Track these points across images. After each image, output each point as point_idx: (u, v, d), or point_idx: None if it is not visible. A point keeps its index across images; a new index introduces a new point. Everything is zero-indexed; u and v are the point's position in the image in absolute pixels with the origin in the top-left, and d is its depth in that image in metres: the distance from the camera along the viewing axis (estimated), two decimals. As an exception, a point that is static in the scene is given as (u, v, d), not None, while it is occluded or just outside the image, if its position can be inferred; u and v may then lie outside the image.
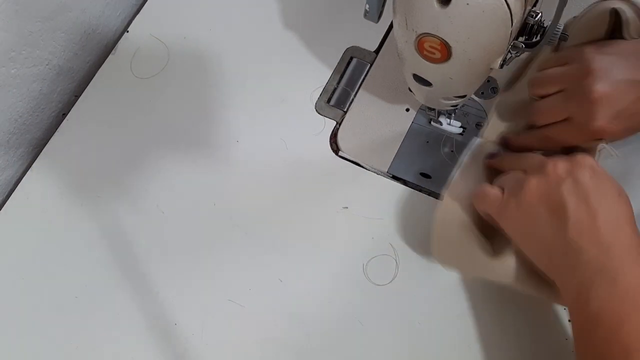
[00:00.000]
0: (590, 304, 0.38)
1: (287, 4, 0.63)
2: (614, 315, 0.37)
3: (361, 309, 0.52)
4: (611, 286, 0.37)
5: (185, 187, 0.57)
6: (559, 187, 0.41)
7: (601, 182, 0.41)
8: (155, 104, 0.61)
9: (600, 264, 0.38)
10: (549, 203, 0.41)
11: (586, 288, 0.38)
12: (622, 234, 0.39)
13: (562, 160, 0.43)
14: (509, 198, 0.44)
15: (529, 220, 0.43)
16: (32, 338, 0.54)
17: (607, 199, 0.40)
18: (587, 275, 0.38)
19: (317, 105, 0.59)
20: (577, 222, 0.40)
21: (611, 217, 0.39)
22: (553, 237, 0.41)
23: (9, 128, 0.59)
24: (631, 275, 0.37)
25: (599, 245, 0.39)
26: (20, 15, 0.54)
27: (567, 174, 0.42)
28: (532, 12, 0.39)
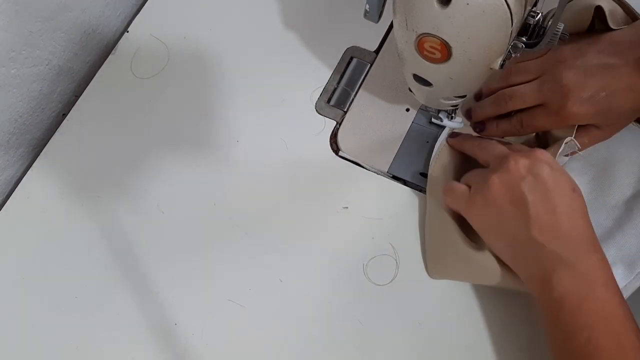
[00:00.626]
0: (554, 290, 0.42)
1: (287, 4, 0.63)
2: (574, 297, 0.41)
3: (361, 309, 0.52)
4: (571, 273, 0.41)
5: (185, 187, 0.57)
6: (520, 184, 0.43)
7: (558, 178, 0.44)
8: (155, 104, 0.61)
9: (560, 255, 0.42)
10: (511, 199, 0.44)
11: (549, 277, 0.42)
12: (577, 227, 0.43)
13: (522, 156, 0.45)
14: (474, 194, 0.46)
15: (493, 216, 0.45)
16: (32, 338, 0.54)
17: (564, 195, 0.43)
18: (550, 266, 0.42)
19: (317, 105, 0.59)
20: (538, 218, 0.43)
21: (568, 211, 0.43)
22: (516, 232, 0.44)
23: (9, 128, 0.59)
24: (586, 262, 0.42)
25: (558, 239, 0.42)
26: (20, 15, 0.54)
27: (527, 171, 0.44)
28: (532, 12, 0.39)
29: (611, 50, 0.46)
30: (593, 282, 0.41)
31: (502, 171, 0.45)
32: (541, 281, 0.43)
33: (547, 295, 0.42)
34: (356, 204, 0.55)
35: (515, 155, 0.45)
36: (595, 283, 0.41)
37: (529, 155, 0.45)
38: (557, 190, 0.43)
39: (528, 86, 0.48)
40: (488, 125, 0.52)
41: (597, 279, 0.41)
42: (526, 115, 0.49)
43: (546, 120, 0.48)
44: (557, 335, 0.42)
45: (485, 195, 0.45)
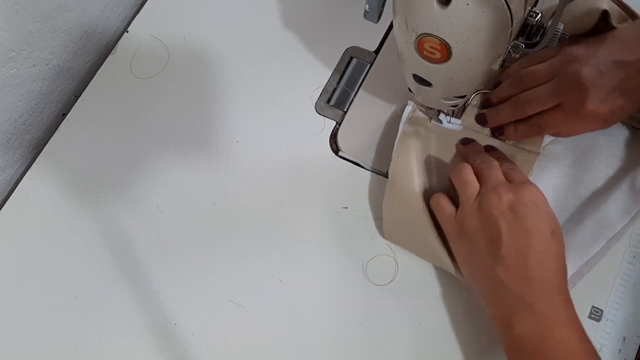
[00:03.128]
0: (514, 329, 0.43)
1: (287, 4, 0.63)
2: (533, 338, 0.42)
3: (361, 309, 0.52)
4: (530, 314, 0.42)
5: (185, 187, 0.57)
6: (498, 222, 0.44)
7: (539, 220, 0.44)
8: (155, 104, 0.61)
9: (521, 296, 0.42)
10: (488, 236, 0.45)
11: (510, 317, 0.43)
12: (545, 269, 0.43)
13: (508, 191, 0.45)
14: (458, 222, 0.47)
15: (469, 248, 0.46)
16: (32, 338, 0.54)
17: (540, 237, 0.43)
18: (511, 306, 0.43)
19: (317, 105, 0.59)
20: (508, 258, 0.43)
21: (539, 254, 0.43)
22: (485, 268, 0.45)
23: (8, 128, 0.59)
24: (547, 303, 0.42)
25: (522, 280, 0.43)
26: (20, 15, 0.54)
27: (509, 208, 0.44)
28: (532, 12, 0.39)
29: (621, 47, 0.46)
30: (552, 323, 0.41)
31: (485, 205, 0.45)
32: (503, 320, 0.44)
33: (508, 334, 0.43)
34: (356, 204, 0.55)
35: (501, 189, 0.45)
36: (554, 324, 0.41)
37: (516, 191, 0.45)
38: (534, 232, 0.43)
39: (544, 88, 0.48)
40: (506, 130, 0.52)
41: (557, 320, 0.42)
42: (544, 118, 0.49)
43: (564, 120, 0.48)
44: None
45: (465, 227, 0.46)
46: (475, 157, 0.50)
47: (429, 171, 0.53)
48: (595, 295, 0.50)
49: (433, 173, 0.53)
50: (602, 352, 0.48)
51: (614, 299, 0.50)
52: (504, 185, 0.46)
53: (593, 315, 0.49)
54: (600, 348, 0.48)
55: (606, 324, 0.49)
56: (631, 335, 0.49)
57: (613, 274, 0.50)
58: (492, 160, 0.49)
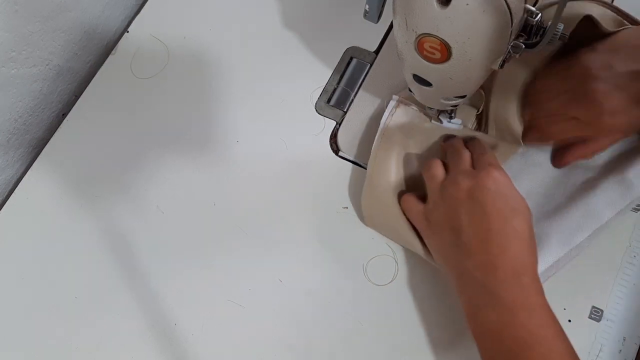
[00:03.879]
0: (479, 315, 0.43)
1: (287, 4, 0.63)
2: (496, 324, 0.42)
3: (361, 309, 0.52)
4: (492, 300, 0.42)
5: (185, 187, 0.57)
6: (458, 210, 0.44)
7: (500, 202, 0.43)
8: (155, 104, 0.61)
9: (482, 281, 0.42)
10: (450, 226, 0.45)
11: (474, 302, 0.43)
12: (507, 254, 0.42)
13: (466, 178, 0.45)
14: (426, 213, 0.48)
15: (436, 239, 0.47)
16: (32, 338, 0.54)
17: (501, 220, 0.43)
18: (473, 292, 0.43)
19: (317, 105, 0.59)
20: (468, 245, 0.43)
21: (500, 238, 0.42)
22: (451, 257, 0.45)
23: (9, 128, 0.59)
24: (511, 292, 0.41)
25: (484, 268, 0.42)
26: (20, 15, 0.54)
27: (468, 195, 0.44)
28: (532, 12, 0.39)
29: (635, 55, 0.45)
30: (514, 308, 0.41)
31: (445, 195, 0.46)
32: (468, 308, 0.44)
33: (473, 323, 0.44)
34: (356, 204, 0.55)
35: (460, 177, 0.45)
36: (517, 309, 0.41)
37: (474, 177, 0.45)
38: (494, 216, 0.43)
39: (557, 103, 0.48)
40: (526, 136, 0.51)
41: (519, 304, 0.41)
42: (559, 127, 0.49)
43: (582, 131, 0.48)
44: (485, 354, 0.43)
45: (431, 220, 0.47)
46: (450, 151, 0.51)
47: (408, 167, 0.53)
48: (595, 295, 0.50)
49: (413, 170, 0.53)
50: (602, 352, 0.49)
51: (614, 299, 0.50)
52: (464, 172, 0.46)
53: (593, 315, 0.49)
54: (600, 348, 0.48)
55: (606, 324, 0.49)
56: (631, 335, 0.49)
57: (613, 274, 0.50)
58: (462, 151, 0.49)
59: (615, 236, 0.51)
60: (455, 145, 0.51)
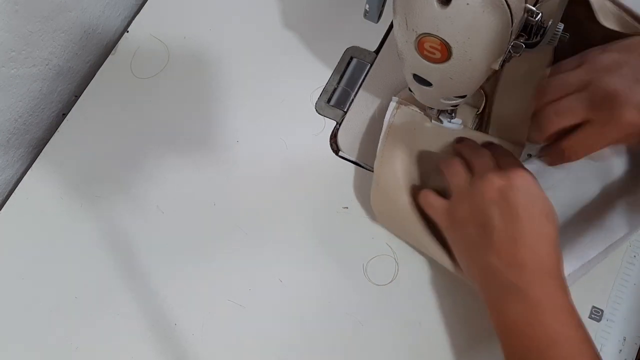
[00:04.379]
0: (505, 315, 0.43)
1: (287, 4, 0.63)
2: (522, 324, 0.41)
3: (361, 309, 0.52)
4: (520, 300, 0.42)
5: (185, 187, 0.57)
6: (489, 208, 0.44)
7: (531, 204, 0.43)
8: (155, 104, 0.61)
9: (512, 282, 0.42)
10: (480, 223, 0.44)
11: (500, 301, 0.43)
12: (537, 254, 0.42)
13: (499, 177, 0.44)
14: (450, 211, 0.47)
15: (463, 237, 0.46)
16: (32, 338, 0.54)
17: (532, 222, 0.42)
18: (502, 292, 0.43)
19: (317, 105, 0.59)
20: (499, 244, 0.43)
21: (531, 240, 0.42)
22: (478, 255, 0.44)
23: (8, 128, 0.59)
24: (538, 289, 0.41)
25: (513, 266, 0.42)
26: (20, 15, 0.54)
27: (500, 195, 0.43)
28: (532, 12, 0.39)
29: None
30: (543, 308, 0.41)
31: (475, 192, 0.45)
32: (494, 305, 0.44)
33: (499, 319, 0.43)
34: (356, 204, 0.55)
35: (492, 175, 0.45)
36: (545, 309, 0.41)
37: (506, 177, 0.44)
38: (525, 218, 0.42)
39: (574, 99, 0.46)
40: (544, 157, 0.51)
41: (548, 305, 0.41)
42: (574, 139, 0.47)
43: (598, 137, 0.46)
44: (511, 354, 0.43)
45: (456, 216, 0.46)
46: (467, 151, 0.50)
47: (414, 166, 0.53)
48: (595, 295, 0.50)
49: (419, 168, 0.53)
50: (602, 352, 0.48)
51: (614, 299, 0.50)
52: (494, 171, 0.45)
53: (593, 315, 0.49)
54: (600, 348, 0.48)
55: (606, 324, 0.49)
56: (631, 335, 0.49)
57: (613, 274, 0.50)
58: (483, 150, 0.48)
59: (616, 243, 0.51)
60: (473, 146, 0.50)
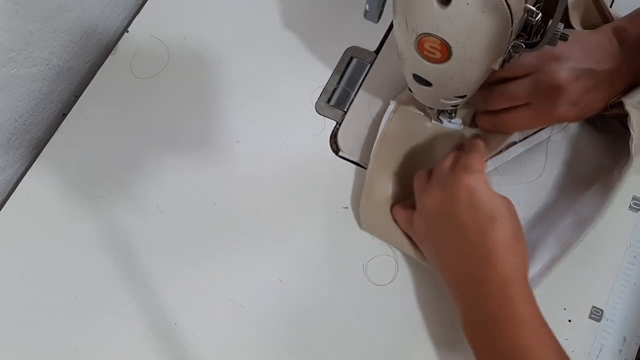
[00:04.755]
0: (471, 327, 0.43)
1: (287, 4, 0.63)
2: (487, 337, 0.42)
3: (361, 309, 0.52)
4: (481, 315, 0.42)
5: (185, 187, 0.57)
6: (434, 224, 0.45)
7: (473, 212, 0.43)
8: (155, 104, 0.61)
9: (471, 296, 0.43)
10: (431, 239, 0.46)
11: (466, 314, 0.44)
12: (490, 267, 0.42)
13: (439, 189, 0.45)
14: (413, 223, 0.48)
15: (425, 250, 0.48)
16: (32, 339, 0.54)
17: (478, 233, 0.42)
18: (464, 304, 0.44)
19: (317, 105, 0.59)
20: (451, 261, 0.44)
21: (482, 251, 0.42)
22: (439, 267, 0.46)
23: (8, 128, 0.59)
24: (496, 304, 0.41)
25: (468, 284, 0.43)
26: (20, 15, 0.54)
27: (441, 208, 0.44)
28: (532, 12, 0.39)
29: (594, 55, 0.46)
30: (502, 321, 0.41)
31: (424, 208, 0.46)
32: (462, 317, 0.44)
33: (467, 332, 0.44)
34: (356, 204, 0.55)
35: (433, 188, 0.45)
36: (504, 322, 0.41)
37: (447, 186, 0.44)
38: (470, 228, 0.42)
39: (519, 84, 0.48)
40: (477, 118, 0.52)
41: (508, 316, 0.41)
42: (509, 116, 0.49)
43: (531, 121, 0.49)
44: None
45: (417, 232, 0.48)
46: None
47: (408, 174, 0.53)
48: (595, 295, 0.50)
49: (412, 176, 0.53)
50: (602, 352, 0.49)
51: (614, 299, 0.50)
52: (438, 181, 0.46)
53: (593, 315, 0.49)
54: (600, 348, 0.49)
55: (606, 324, 0.49)
56: (631, 335, 0.49)
57: (613, 274, 0.50)
58: (449, 155, 0.49)
59: (615, 236, 0.51)
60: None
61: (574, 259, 0.50)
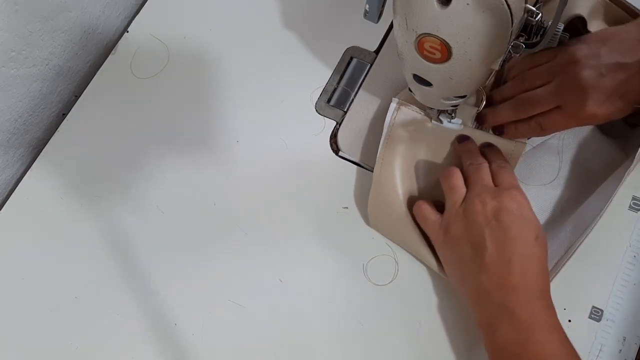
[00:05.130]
0: (496, 334, 0.43)
1: (287, 4, 0.63)
2: (514, 344, 0.42)
3: (361, 309, 0.52)
4: (510, 320, 0.43)
5: (185, 187, 0.57)
6: (483, 229, 0.45)
7: (522, 226, 0.44)
8: (155, 104, 0.61)
9: (502, 303, 0.43)
10: (472, 243, 0.45)
11: (492, 323, 0.44)
12: (526, 275, 0.43)
13: (492, 198, 0.45)
14: (443, 229, 0.48)
15: (455, 255, 0.47)
16: (32, 338, 0.54)
17: (523, 243, 0.44)
18: (493, 313, 0.44)
19: (317, 105, 0.59)
20: (491, 265, 0.44)
21: (522, 260, 0.43)
22: (470, 275, 0.46)
23: (9, 128, 0.59)
24: (527, 309, 0.43)
25: (503, 288, 0.43)
26: (20, 15, 0.54)
27: (493, 215, 0.45)
28: (532, 12, 0.39)
29: (621, 48, 0.46)
30: (532, 328, 0.42)
31: (469, 212, 0.46)
32: (486, 326, 0.45)
33: (490, 340, 0.44)
34: (356, 204, 0.55)
35: (486, 195, 0.46)
36: (534, 329, 0.42)
37: (500, 198, 0.45)
38: (517, 239, 0.44)
39: (544, 90, 0.48)
40: (507, 129, 0.52)
41: (537, 324, 0.42)
42: (545, 119, 0.49)
43: (565, 121, 0.48)
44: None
45: (450, 233, 0.47)
46: (466, 158, 0.50)
47: (416, 173, 0.53)
48: (595, 295, 0.50)
49: (420, 174, 0.53)
50: (602, 352, 0.49)
51: (614, 299, 0.50)
52: (489, 191, 0.46)
53: (593, 315, 0.49)
54: (600, 348, 0.49)
55: (606, 324, 0.49)
56: (631, 335, 0.49)
57: (613, 274, 0.50)
58: (481, 162, 0.49)
59: (615, 236, 0.51)
60: (473, 152, 0.51)
61: (574, 259, 0.50)
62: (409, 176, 0.53)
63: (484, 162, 0.49)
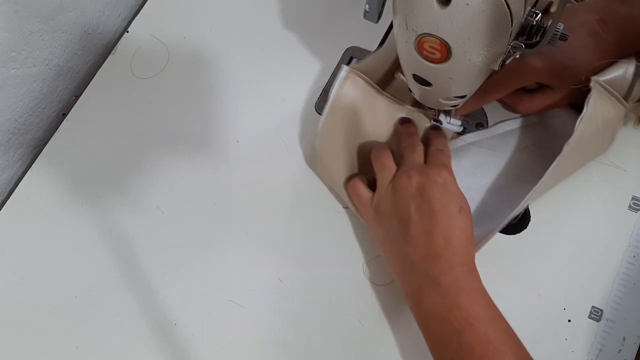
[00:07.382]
0: (422, 302, 0.45)
1: (287, 4, 0.63)
2: (440, 308, 0.44)
3: (361, 309, 0.52)
4: (435, 288, 0.44)
5: (185, 187, 0.57)
6: (408, 203, 0.46)
7: (446, 199, 0.46)
8: (155, 104, 0.61)
9: (427, 272, 0.45)
10: (399, 217, 0.47)
11: (418, 292, 0.45)
12: (449, 245, 0.45)
13: (418, 173, 0.47)
14: (375, 202, 0.49)
15: (383, 229, 0.49)
16: (32, 338, 0.54)
17: (447, 216, 0.45)
18: (417, 280, 0.46)
19: (317, 105, 0.59)
20: (415, 237, 0.46)
21: (445, 231, 0.45)
22: (397, 248, 0.47)
23: (9, 128, 0.59)
24: (450, 276, 0.44)
25: (427, 257, 0.45)
26: (20, 15, 0.54)
27: (418, 190, 0.47)
28: (532, 12, 0.39)
29: (568, 13, 0.48)
30: (456, 292, 0.44)
31: (397, 187, 0.48)
32: (412, 296, 0.46)
33: (418, 309, 0.46)
34: (356, 204, 0.55)
35: (413, 172, 0.47)
36: (458, 293, 0.44)
37: (426, 173, 0.47)
38: (440, 211, 0.45)
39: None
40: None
41: (461, 289, 0.44)
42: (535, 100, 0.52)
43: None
44: (432, 345, 0.45)
45: (380, 209, 0.49)
46: (404, 139, 0.52)
47: (356, 146, 0.53)
48: (595, 295, 0.50)
49: (360, 148, 0.53)
50: (602, 352, 0.49)
51: (614, 299, 0.50)
52: (417, 168, 0.48)
53: (593, 315, 0.49)
54: (600, 348, 0.49)
55: (606, 324, 0.49)
56: (631, 335, 0.49)
57: (613, 274, 0.50)
58: (416, 145, 0.51)
59: (615, 236, 0.51)
60: (410, 135, 0.52)
61: (574, 259, 0.50)
62: (348, 147, 0.53)
63: (420, 144, 0.51)
